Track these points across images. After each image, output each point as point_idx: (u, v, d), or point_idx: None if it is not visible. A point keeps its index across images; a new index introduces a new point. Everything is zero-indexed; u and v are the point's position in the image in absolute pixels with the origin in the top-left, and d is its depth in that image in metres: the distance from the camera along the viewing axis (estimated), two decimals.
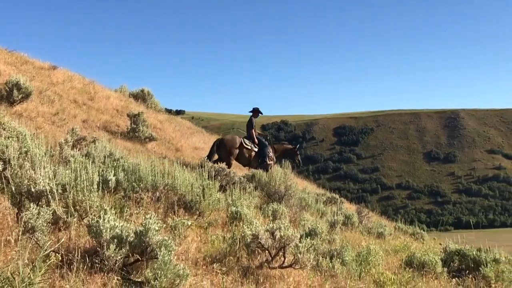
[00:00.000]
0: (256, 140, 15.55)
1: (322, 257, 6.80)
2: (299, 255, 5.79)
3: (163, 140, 16.86)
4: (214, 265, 5.65)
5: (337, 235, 9.44)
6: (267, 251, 5.87)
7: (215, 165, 11.58)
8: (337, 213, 11.87)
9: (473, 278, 8.57)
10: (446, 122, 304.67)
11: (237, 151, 15.00)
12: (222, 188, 10.05)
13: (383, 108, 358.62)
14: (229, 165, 13.55)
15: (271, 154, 15.51)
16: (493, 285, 8.52)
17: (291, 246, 5.83)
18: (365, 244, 8.60)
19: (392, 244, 11.15)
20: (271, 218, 8.78)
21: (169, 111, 26.63)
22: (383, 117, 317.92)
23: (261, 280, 5.63)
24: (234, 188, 9.30)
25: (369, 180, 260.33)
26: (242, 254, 6.03)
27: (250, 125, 16.00)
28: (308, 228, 7.78)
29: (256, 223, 6.13)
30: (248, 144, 15.31)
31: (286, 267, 5.88)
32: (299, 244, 5.85)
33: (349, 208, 16.66)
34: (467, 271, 8.95)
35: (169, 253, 4.66)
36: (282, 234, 5.79)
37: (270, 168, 15.14)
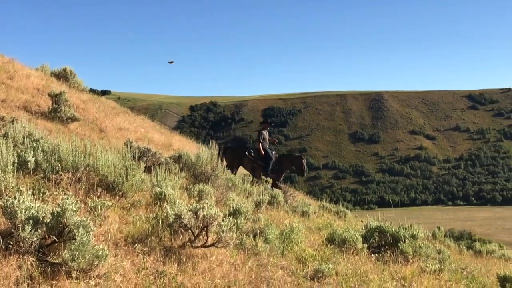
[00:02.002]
0: (262, 151, 15.45)
1: (246, 236, 6.86)
2: (222, 234, 5.82)
3: (86, 121, 16.41)
4: (136, 245, 5.59)
5: (262, 214, 9.54)
6: (190, 231, 5.85)
7: (142, 145, 11.42)
8: (262, 193, 12.00)
9: (392, 254, 8.89)
10: (370, 104, 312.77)
11: (240, 160, 15.26)
12: (148, 169, 9.92)
13: (310, 90, 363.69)
14: (233, 172, 14.07)
15: (276, 166, 15.48)
16: (410, 260, 8.88)
17: (214, 225, 5.84)
18: (289, 222, 8.74)
19: (315, 222, 11.38)
20: (196, 198, 8.76)
21: (93, 91, 25.89)
22: (310, 98, 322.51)
23: (184, 260, 5.63)
24: (160, 169, 9.20)
25: None
26: (165, 234, 6.00)
27: (257, 137, 15.92)
28: (233, 207, 7.82)
29: (179, 203, 6.09)
30: (252, 155, 15.39)
31: (209, 246, 5.89)
32: (222, 223, 5.87)
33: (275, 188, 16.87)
34: (386, 247, 9.28)
35: (88, 234, 4.57)
36: (205, 213, 5.79)
37: (277, 182, 15.39)
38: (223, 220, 5.93)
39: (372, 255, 8.72)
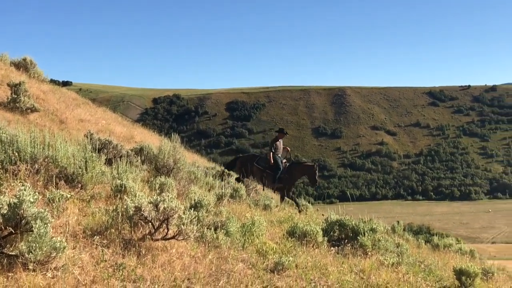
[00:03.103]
0: (271, 161, 15.15)
1: (207, 229, 6.85)
2: (182, 226, 5.80)
3: (46, 112, 16.11)
4: (95, 238, 5.53)
5: (224, 208, 9.53)
6: (150, 223, 5.82)
7: (103, 137, 11.30)
8: (225, 186, 11.99)
9: (352, 247, 9.01)
10: (333, 99, 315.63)
11: (249, 170, 15.06)
12: (109, 162, 9.81)
13: (275, 84, 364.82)
14: (243, 181, 14.19)
15: (285, 175, 15.14)
16: (369, 253, 9.01)
17: (174, 218, 5.81)
18: (250, 215, 8.76)
19: (277, 215, 11.44)
20: (158, 191, 8.70)
21: (54, 82, 25.45)
22: (274, 93, 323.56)
23: (143, 252, 5.59)
24: (121, 161, 9.10)
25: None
26: (125, 227, 5.94)
27: (270, 146, 15.60)
28: (194, 200, 7.80)
29: (139, 195, 6.05)
30: (260, 165, 15.21)
31: (169, 238, 5.87)
32: (183, 216, 5.85)
33: None
34: (346, 240, 9.40)
35: (45, 225, 4.51)
36: (166, 206, 5.76)
37: (285, 192, 15.14)
38: (184, 213, 5.91)
39: (332, 248, 8.82)
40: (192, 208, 6.91)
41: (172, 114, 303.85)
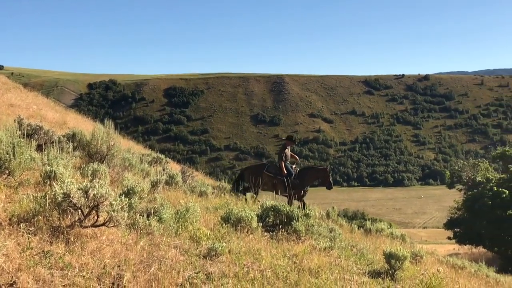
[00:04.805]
0: (284, 171, 14.81)
1: (140, 216, 6.78)
2: (113, 213, 5.70)
3: None
4: (21, 225, 5.36)
5: (159, 194, 9.45)
6: (79, 210, 5.69)
7: (34, 123, 10.97)
8: (160, 173, 11.89)
9: (286, 232, 9.13)
10: (272, 87, 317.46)
11: (260, 178, 14.75)
12: (39, 148, 9.54)
13: (213, 71, 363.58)
14: (254, 191, 14.43)
15: (297, 180, 14.79)
16: (303, 238, 9.15)
17: (105, 205, 5.71)
18: (185, 202, 8.72)
19: (213, 202, 11.43)
20: (90, 178, 8.52)
21: None
22: (213, 79, 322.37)
23: (72, 240, 5.47)
24: (52, 147, 8.86)
25: (198, 141, 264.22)
26: (53, 214, 5.79)
27: (280, 155, 15.18)
28: (127, 187, 7.69)
29: (68, 182, 5.90)
30: (271, 172, 14.91)
31: (99, 225, 5.76)
32: (114, 203, 5.76)
33: (176, 168, 16.76)
34: (280, 226, 9.51)
35: None
36: (95, 192, 5.64)
37: (303, 196, 14.89)
38: (114, 200, 5.82)
39: (267, 233, 8.90)
40: (124, 195, 6.81)
41: (108, 100, 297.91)
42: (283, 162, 14.93)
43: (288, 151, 15.31)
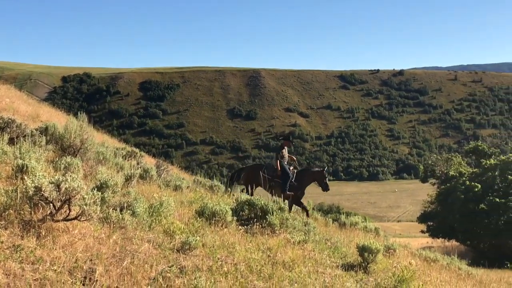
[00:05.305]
0: (279, 170, 14.67)
1: (113, 210, 6.73)
2: (85, 207, 5.66)
3: None
4: None
5: (133, 188, 9.40)
6: (51, 204, 5.63)
7: (6, 116, 10.81)
8: (135, 167, 11.81)
9: (260, 226, 9.15)
10: (248, 81, 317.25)
11: (257, 180, 14.67)
12: (11, 141, 9.43)
13: (189, 65, 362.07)
14: (249, 192, 13.91)
15: (294, 182, 14.72)
16: (277, 232, 9.19)
17: (77, 199, 5.66)
18: (158, 196, 8.69)
19: (188, 196, 11.39)
20: (63, 172, 8.43)
21: None
22: (189, 73, 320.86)
23: (44, 233, 5.42)
24: (24, 141, 8.76)
25: (174, 135, 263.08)
26: (25, 208, 5.73)
27: (276, 155, 15.03)
28: (100, 181, 7.63)
29: (40, 175, 5.83)
30: (268, 174, 14.72)
31: (71, 219, 5.71)
32: (86, 196, 5.71)
33: (151, 162, 16.65)
34: (255, 219, 9.53)
35: None
36: (67, 186, 5.59)
37: (300, 198, 14.91)
38: (87, 193, 5.77)
39: (241, 227, 8.90)
40: (97, 189, 6.76)
41: (82, 93, 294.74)
42: (279, 161, 14.89)
43: (285, 151, 15.32)
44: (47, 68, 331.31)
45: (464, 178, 48.03)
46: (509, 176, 45.30)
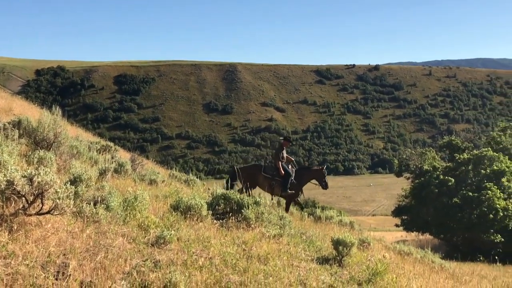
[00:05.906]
0: (282, 171, 14.72)
1: (86, 204, 6.68)
2: (58, 201, 5.61)
3: None
4: None
5: (107, 182, 9.33)
6: (23, 198, 5.57)
7: None
8: (109, 161, 11.74)
9: (236, 220, 9.17)
10: (224, 75, 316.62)
11: (256, 180, 14.71)
12: None
13: (165, 58, 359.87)
14: (248, 193, 13.82)
15: (294, 181, 14.83)
16: (253, 226, 9.22)
17: (50, 192, 5.60)
18: (133, 190, 8.65)
19: (163, 190, 11.36)
20: (36, 165, 8.34)
21: None
22: (164, 67, 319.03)
23: (16, 228, 5.35)
24: None
25: (149, 130, 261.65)
26: None
27: (277, 155, 15.07)
28: (73, 175, 7.56)
29: (12, 169, 5.76)
30: (268, 174, 14.72)
31: (44, 213, 5.65)
32: (59, 190, 5.66)
33: (125, 156, 16.55)
34: (230, 213, 9.54)
35: None
36: (40, 180, 5.53)
37: (297, 196, 15.12)
38: (60, 187, 5.72)
39: (217, 221, 8.91)
40: (71, 183, 6.70)
41: (56, 86, 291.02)
42: (280, 163, 14.99)
43: (284, 152, 15.42)
44: (21, 61, 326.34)
45: (438, 173, 48.49)
46: (482, 171, 45.88)
